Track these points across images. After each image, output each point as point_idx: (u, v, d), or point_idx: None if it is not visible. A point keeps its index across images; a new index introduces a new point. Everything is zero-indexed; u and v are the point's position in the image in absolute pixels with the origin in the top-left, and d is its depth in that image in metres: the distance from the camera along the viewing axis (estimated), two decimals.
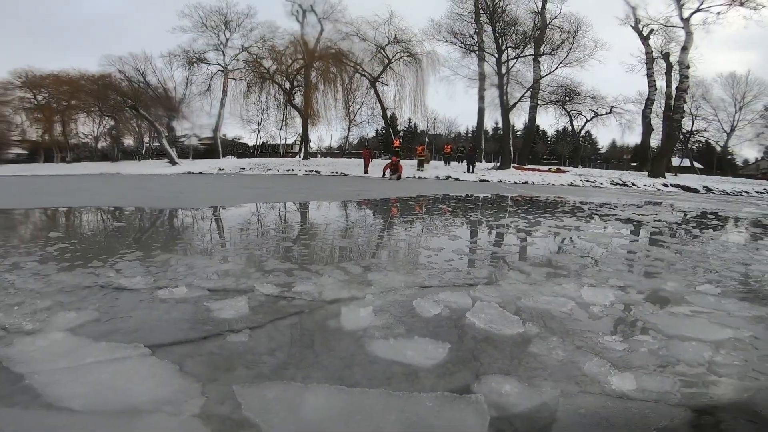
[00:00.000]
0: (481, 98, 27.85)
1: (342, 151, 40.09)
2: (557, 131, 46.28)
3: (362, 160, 22.41)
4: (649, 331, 1.78)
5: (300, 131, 33.74)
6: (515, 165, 25.17)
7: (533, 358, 1.52)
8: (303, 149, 31.46)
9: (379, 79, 29.72)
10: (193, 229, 4.64)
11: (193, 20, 31.23)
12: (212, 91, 33.62)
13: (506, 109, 25.10)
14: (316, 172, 23.23)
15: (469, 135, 46.61)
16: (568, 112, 32.97)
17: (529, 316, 1.91)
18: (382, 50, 28.81)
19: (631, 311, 2.04)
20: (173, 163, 27.57)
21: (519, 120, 32.95)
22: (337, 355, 1.51)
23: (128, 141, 41.27)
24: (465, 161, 23.57)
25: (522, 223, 5.13)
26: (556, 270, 2.81)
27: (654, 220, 5.97)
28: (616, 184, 20.10)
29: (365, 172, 20.98)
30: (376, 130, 43.67)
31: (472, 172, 21.88)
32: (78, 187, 11.28)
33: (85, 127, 38.71)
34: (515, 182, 18.96)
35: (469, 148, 23.97)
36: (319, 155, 38.52)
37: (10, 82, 33.90)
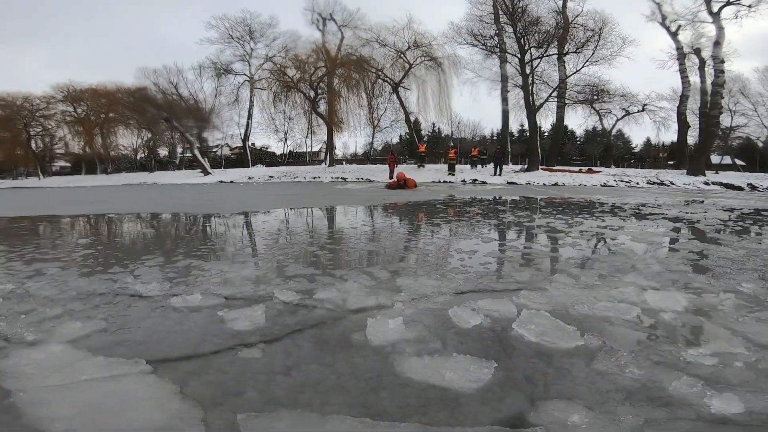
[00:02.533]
0: (505, 100, 27.23)
1: (367, 158, 40.14)
2: (586, 131, 44.64)
3: (387, 165, 22.27)
4: (740, 341, 1.48)
5: (325, 139, 33.99)
6: (543, 166, 24.37)
7: (601, 378, 1.26)
8: (328, 156, 31.66)
9: (401, 84, 29.58)
10: (218, 234, 4.57)
11: (220, 31, 32.10)
12: (240, 101, 34.46)
13: (532, 110, 24.40)
14: (341, 178, 23.26)
15: (494, 138, 45.68)
16: (598, 111, 31.72)
17: (588, 326, 1.65)
18: (402, 55, 28.69)
19: (711, 318, 1.74)
20: (206, 172, 28.32)
21: (546, 121, 31.96)
22: (362, 375, 1.30)
23: (163, 152, 42.89)
24: (492, 164, 23.03)
25: (560, 224, 4.78)
26: (608, 273, 2.51)
27: (705, 218, 5.46)
28: (654, 183, 19.05)
29: (390, 177, 20.77)
30: (400, 136, 43.55)
31: (500, 174, 21.31)
32: (116, 197, 11.64)
33: (125, 140, 40.45)
34: (544, 184, 18.30)
35: (495, 150, 23.36)
36: (344, 162, 38.72)
37: (52, 96, 35.88)
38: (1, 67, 73.85)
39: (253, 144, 39.51)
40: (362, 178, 22.64)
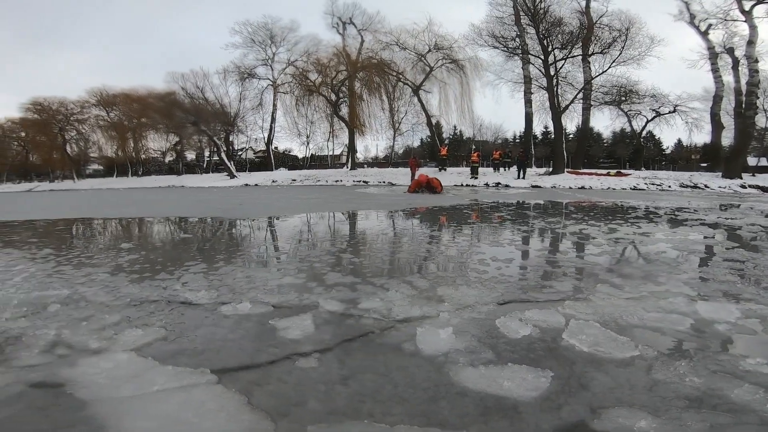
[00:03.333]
0: (528, 102, 26.79)
1: (388, 161, 40.24)
2: (614, 133, 43.43)
3: (408, 169, 22.24)
4: None
5: (346, 142, 34.24)
6: (569, 169, 23.82)
7: (661, 386, 1.26)
8: (350, 160, 31.89)
9: (422, 87, 29.53)
10: (253, 239, 4.68)
11: (243, 36, 32.73)
12: (264, 105, 35.16)
13: (557, 111, 23.91)
14: (363, 182, 23.39)
15: (517, 140, 45.04)
16: (626, 113, 30.80)
17: (641, 337, 1.64)
18: (423, 58, 28.61)
19: (766, 328, 1.68)
20: (231, 176, 28.98)
21: (571, 123, 31.25)
22: (419, 385, 1.32)
23: (191, 155, 44.13)
24: (515, 167, 22.68)
25: (593, 230, 4.68)
26: (653, 282, 2.45)
27: (747, 224, 5.23)
28: (687, 186, 18.36)
29: (412, 179, 20.73)
30: (421, 139, 43.47)
31: (524, 177, 20.97)
32: (149, 199, 12.07)
33: (155, 143, 41.87)
34: (570, 187, 17.90)
35: (519, 153, 22.99)
36: (365, 165, 38.88)
37: (87, 101, 37.50)
38: (40, 74, 77.72)
39: (276, 147, 40.17)
40: (384, 182, 22.70)
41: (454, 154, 36.41)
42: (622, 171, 24.97)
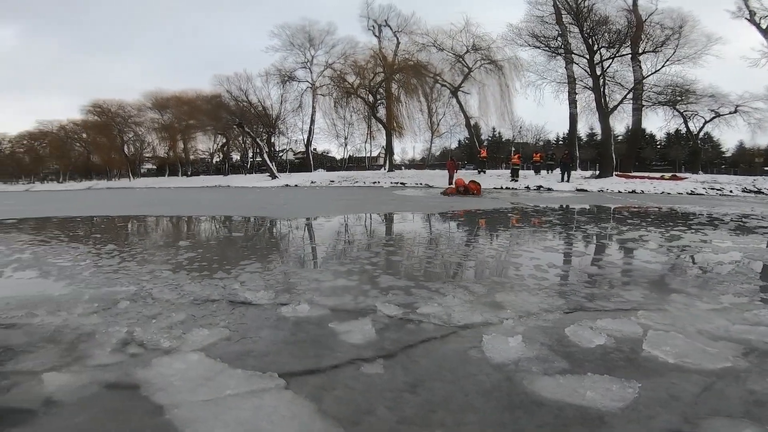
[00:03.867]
0: (573, 102, 25.72)
1: (425, 163, 40.01)
2: (668, 134, 40.82)
3: (446, 171, 21.97)
4: None
5: (384, 143, 34.40)
6: (618, 172, 22.64)
7: (762, 397, 1.20)
8: (388, 161, 31.96)
9: (461, 89, 29.10)
10: (302, 239, 4.75)
11: (282, 39, 33.69)
12: (303, 107, 36.01)
13: (605, 112, 22.80)
14: (401, 183, 23.36)
15: (560, 142, 43.40)
16: (682, 113, 28.84)
17: (730, 349, 1.53)
18: (461, 59, 28.18)
19: None
20: (273, 176, 29.87)
21: (620, 124, 29.67)
22: (491, 394, 1.27)
23: (235, 156, 46.01)
24: (558, 169, 21.84)
25: (656, 237, 4.37)
26: (733, 293, 2.25)
27: None
28: (750, 191, 16.93)
29: (450, 182, 20.46)
30: (459, 141, 42.88)
31: (568, 181, 20.14)
32: (200, 199, 12.67)
33: (202, 144, 44.07)
34: (620, 191, 16.98)
35: (563, 155, 22.08)
36: (403, 167, 38.88)
37: (143, 104, 40.03)
38: (99, 78, 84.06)
39: (314, 149, 41.01)
40: (421, 184, 22.57)
41: (492, 156, 35.61)
42: (678, 175, 23.40)
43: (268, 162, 31.50)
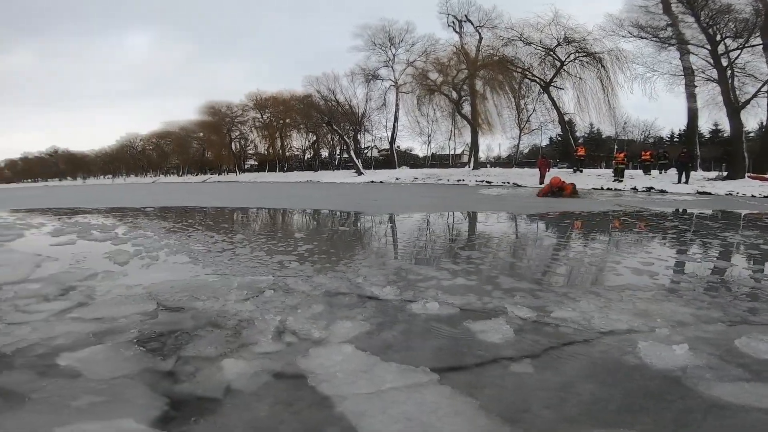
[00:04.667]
0: (692, 96, 22.45)
1: (512, 161, 38.23)
2: None
3: (536, 169, 20.73)
4: None
5: (468, 141, 33.64)
6: (751, 174, 19.31)
7: None
8: (473, 159, 31.19)
9: (553, 83, 27.11)
10: (407, 235, 4.84)
11: (364, 39, 34.61)
12: (387, 105, 36.76)
13: (734, 107, 19.57)
14: (486, 182, 22.62)
15: (675, 139, 38.23)
16: None
17: None
18: (551, 52, 26.18)
19: None
20: (359, 172, 30.99)
21: (754, 119, 25.18)
22: (660, 396, 1.21)
23: (324, 153, 48.75)
24: (673, 169, 19.31)
25: None
26: None
27: None
28: None
29: (541, 182, 19.26)
30: (551, 138, 40.09)
31: (686, 182, 17.72)
32: (298, 193, 13.70)
33: (296, 142, 47.44)
34: (753, 195, 14.46)
35: (680, 153, 19.43)
36: (488, 165, 37.62)
37: (246, 105, 44.24)
38: (212, 80, 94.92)
39: (398, 146, 41.55)
40: (508, 182, 21.61)
41: (591, 154, 32.72)
42: None
43: (355, 159, 32.72)
